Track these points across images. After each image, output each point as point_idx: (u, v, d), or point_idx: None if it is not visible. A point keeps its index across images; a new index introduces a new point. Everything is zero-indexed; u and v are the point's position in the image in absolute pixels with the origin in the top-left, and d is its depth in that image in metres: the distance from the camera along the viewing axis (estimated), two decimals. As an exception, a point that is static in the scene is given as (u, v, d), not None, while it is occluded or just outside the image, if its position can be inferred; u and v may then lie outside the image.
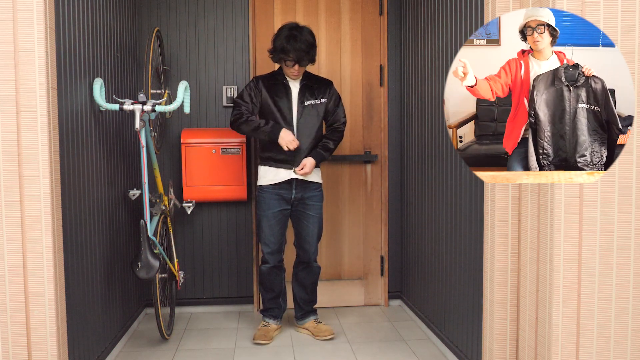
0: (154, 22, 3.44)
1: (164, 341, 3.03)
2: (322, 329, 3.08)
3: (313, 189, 3.01)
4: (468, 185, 2.49)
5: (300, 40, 2.82)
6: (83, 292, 2.36)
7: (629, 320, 1.91)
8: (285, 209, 3.01)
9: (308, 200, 3.00)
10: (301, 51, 2.82)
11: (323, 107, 3.00)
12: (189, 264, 3.53)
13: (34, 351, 1.96)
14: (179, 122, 3.48)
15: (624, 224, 1.88)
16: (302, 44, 2.82)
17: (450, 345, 2.75)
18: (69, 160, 2.19)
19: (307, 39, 2.85)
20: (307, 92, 2.97)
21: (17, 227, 1.93)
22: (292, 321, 3.33)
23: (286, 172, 2.96)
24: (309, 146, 2.97)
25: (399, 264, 3.67)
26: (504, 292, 2.16)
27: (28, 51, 1.90)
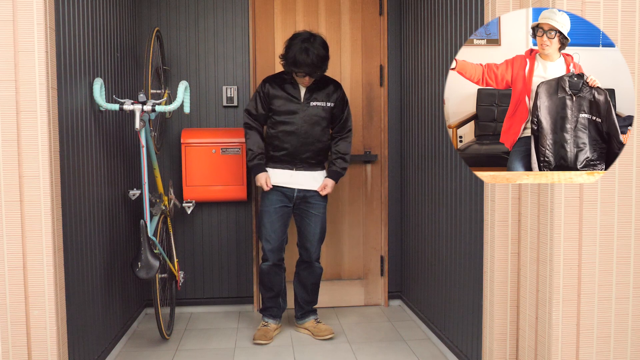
0: (154, 22, 3.44)
1: (164, 341, 3.03)
2: (321, 329, 3.08)
3: (315, 190, 3.02)
4: (468, 185, 2.49)
5: (313, 54, 2.77)
6: (83, 292, 2.36)
7: (629, 320, 1.91)
8: (287, 206, 3.01)
9: (311, 199, 3.00)
10: (313, 65, 2.79)
11: (329, 111, 2.98)
12: (189, 264, 3.53)
13: (34, 351, 1.96)
14: (179, 122, 3.48)
15: (624, 224, 1.88)
16: (315, 57, 2.77)
17: (450, 345, 2.75)
18: (69, 160, 2.19)
19: (320, 53, 2.79)
20: (314, 93, 2.95)
21: (17, 227, 1.93)
22: (292, 321, 3.33)
23: (290, 178, 2.97)
24: (313, 148, 2.96)
25: (399, 264, 3.67)
26: (504, 292, 2.16)
27: (28, 51, 1.90)
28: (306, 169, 2.99)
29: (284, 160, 2.96)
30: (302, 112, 2.93)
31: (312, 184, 2.99)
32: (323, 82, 2.99)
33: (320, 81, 2.97)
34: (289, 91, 2.94)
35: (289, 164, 2.96)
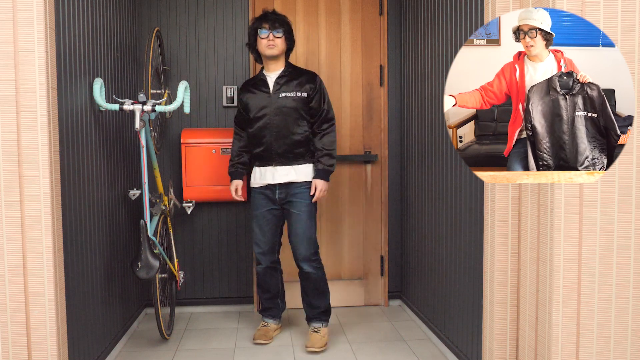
0: (154, 22, 3.44)
1: (164, 341, 3.03)
2: (313, 340, 2.90)
3: (297, 187, 2.90)
4: (468, 185, 2.49)
5: (272, 13, 2.91)
6: (83, 292, 2.36)
7: (629, 320, 1.91)
8: (274, 209, 2.95)
9: (292, 198, 2.89)
10: (274, 19, 2.87)
11: (300, 101, 2.87)
12: (189, 264, 3.53)
13: (34, 351, 1.96)
14: (179, 122, 3.48)
15: (624, 224, 1.88)
16: (274, 14, 2.90)
17: (450, 345, 2.75)
18: (69, 160, 2.19)
19: (279, 15, 2.92)
20: (283, 84, 2.89)
21: (17, 227, 1.93)
22: (292, 321, 3.33)
23: (270, 174, 2.90)
24: (288, 141, 2.87)
25: (399, 264, 3.67)
26: (504, 292, 2.16)
27: (28, 51, 1.90)
28: (285, 163, 2.89)
29: (263, 156, 2.91)
30: (271, 105, 2.87)
31: (292, 176, 2.89)
32: (296, 74, 2.92)
33: (294, 72, 2.92)
34: (259, 87, 2.93)
35: (268, 159, 2.90)
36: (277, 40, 2.86)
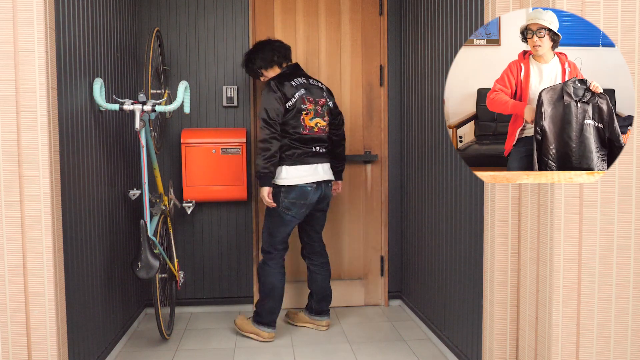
0: (154, 22, 3.44)
1: (164, 341, 3.03)
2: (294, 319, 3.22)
3: None
4: (468, 185, 2.49)
5: None
6: (83, 292, 2.36)
7: (629, 320, 1.91)
8: None
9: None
10: None
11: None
12: (189, 264, 3.53)
13: (34, 351, 1.96)
14: (179, 122, 3.48)
15: (624, 224, 1.88)
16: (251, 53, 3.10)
17: (450, 345, 2.75)
18: (69, 160, 2.19)
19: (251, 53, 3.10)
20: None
21: (17, 227, 1.93)
22: (291, 321, 3.33)
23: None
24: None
25: (399, 264, 3.67)
26: (504, 292, 2.16)
27: (28, 51, 1.90)
28: None
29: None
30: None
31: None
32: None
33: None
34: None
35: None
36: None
